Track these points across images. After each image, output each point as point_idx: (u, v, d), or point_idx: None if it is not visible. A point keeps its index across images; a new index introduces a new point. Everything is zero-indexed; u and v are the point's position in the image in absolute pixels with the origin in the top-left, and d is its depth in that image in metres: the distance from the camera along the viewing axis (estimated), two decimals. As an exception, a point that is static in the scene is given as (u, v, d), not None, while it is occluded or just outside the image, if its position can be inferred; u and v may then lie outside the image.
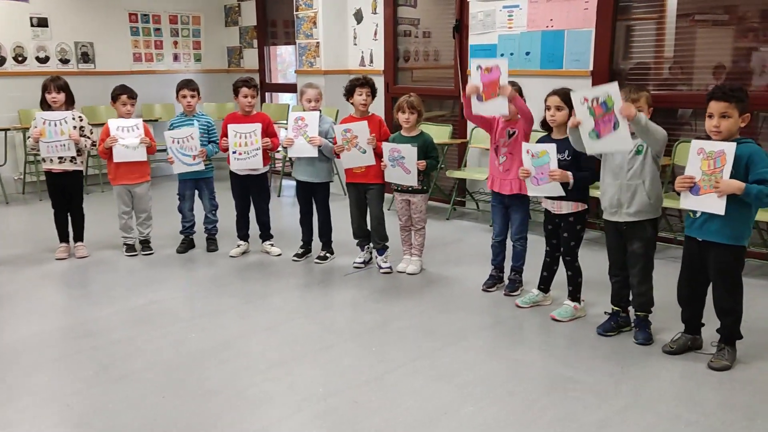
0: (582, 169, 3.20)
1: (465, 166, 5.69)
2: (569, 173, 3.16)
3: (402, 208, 4.12)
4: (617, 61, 4.85)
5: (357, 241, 4.33)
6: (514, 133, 3.59)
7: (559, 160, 3.20)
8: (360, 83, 4.02)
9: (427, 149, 3.97)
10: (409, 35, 6.46)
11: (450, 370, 2.84)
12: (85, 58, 7.19)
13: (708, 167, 2.61)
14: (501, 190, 3.66)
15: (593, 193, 3.43)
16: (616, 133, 2.80)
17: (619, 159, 2.98)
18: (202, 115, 4.59)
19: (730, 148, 2.55)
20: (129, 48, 7.57)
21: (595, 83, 4.65)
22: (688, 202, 2.70)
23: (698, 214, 2.72)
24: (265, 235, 4.61)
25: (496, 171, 3.68)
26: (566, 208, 3.27)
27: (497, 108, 3.45)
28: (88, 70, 7.19)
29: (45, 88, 4.32)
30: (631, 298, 3.14)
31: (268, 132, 4.38)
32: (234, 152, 4.27)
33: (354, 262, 4.29)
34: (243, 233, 4.61)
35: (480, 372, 2.82)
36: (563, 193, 3.19)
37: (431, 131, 5.88)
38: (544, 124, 3.36)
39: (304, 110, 4.21)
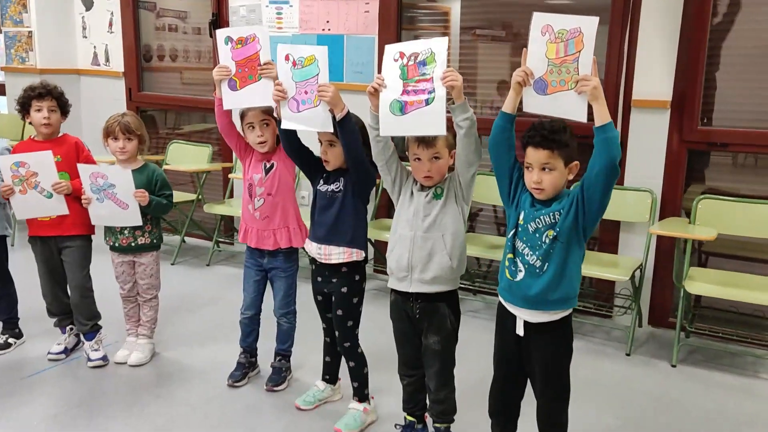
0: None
1: (231, 197, 4.55)
2: (340, 104, 2.18)
3: (123, 272, 2.88)
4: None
5: (55, 320, 2.98)
6: (272, 166, 2.58)
7: (333, 191, 2.34)
8: (37, 94, 2.70)
9: (154, 187, 2.79)
10: (174, 30, 5.18)
11: None
12: None
13: (557, 54, 1.83)
14: (260, 245, 2.62)
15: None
16: (428, 110, 1.96)
17: (414, 205, 2.12)
18: None
19: (590, 25, 1.79)
20: None
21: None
22: (532, 103, 1.89)
23: (519, 276, 1.91)
24: None
25: (250, 219, 2.63)
26: (337, 256, 2.34)
27: (257, 97, 2.44)
28: None
29: None
30: (428, 403, 2.29)
31: None
32: None
33: (49, 352, 2.94)
34: None
35: None
36: (330, 128, 2.22)
37: (186, 152, 4.72)
38: None
39: None
